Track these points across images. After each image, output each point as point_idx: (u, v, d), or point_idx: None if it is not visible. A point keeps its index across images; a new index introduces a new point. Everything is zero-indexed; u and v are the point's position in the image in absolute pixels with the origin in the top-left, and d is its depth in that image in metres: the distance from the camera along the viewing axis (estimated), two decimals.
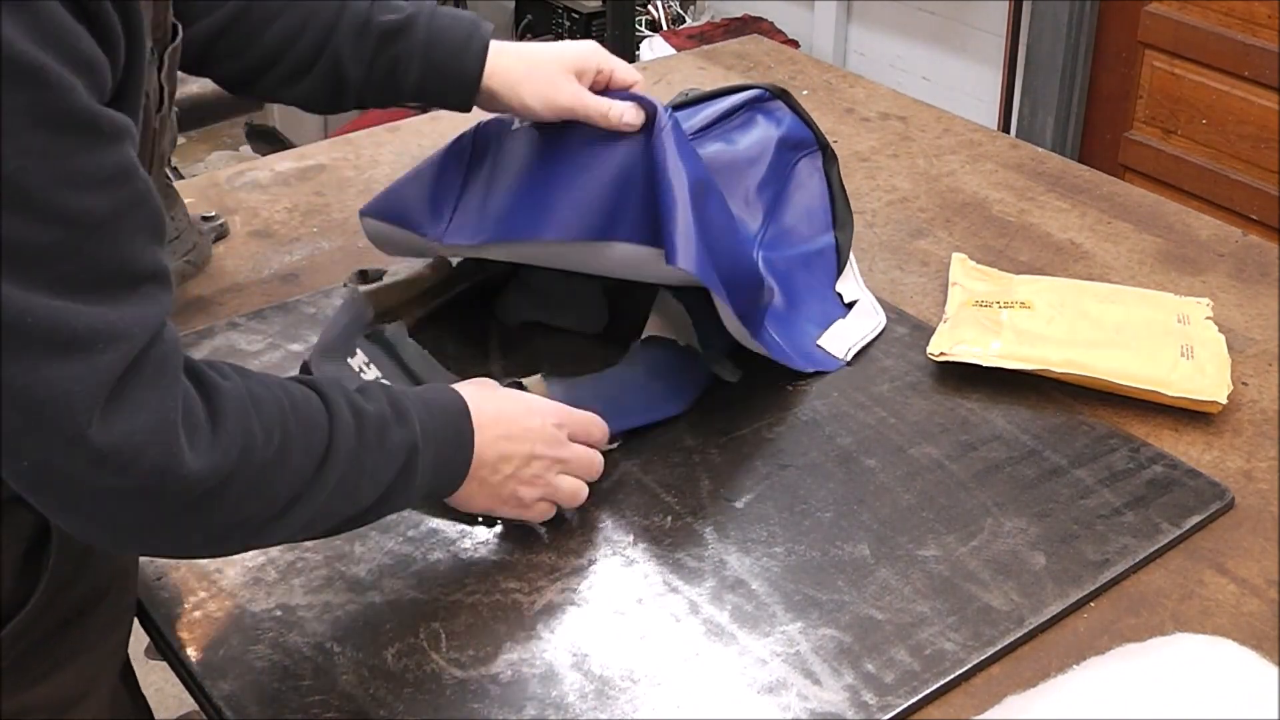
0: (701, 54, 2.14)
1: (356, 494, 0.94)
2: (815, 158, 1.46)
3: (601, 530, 1.14)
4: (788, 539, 1.13)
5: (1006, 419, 1.28)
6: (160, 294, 0.79)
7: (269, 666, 1.00)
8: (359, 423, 0.93)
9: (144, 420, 0.77)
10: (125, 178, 0.76)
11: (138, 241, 0.77)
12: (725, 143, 1.41)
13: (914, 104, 1.96)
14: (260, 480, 0.85)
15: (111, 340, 0.75)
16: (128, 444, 0.76)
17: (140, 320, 0.77)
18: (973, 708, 0.99)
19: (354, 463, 0.92)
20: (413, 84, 1.22)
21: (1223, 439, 1.27)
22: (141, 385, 0.77)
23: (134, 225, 0.77)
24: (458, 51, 1.21)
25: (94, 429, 0.75)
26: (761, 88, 1.45)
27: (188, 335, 1.37)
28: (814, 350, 1.34)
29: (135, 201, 0.77)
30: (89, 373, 0.74)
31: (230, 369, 0.88)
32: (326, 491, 0.90)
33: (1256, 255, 1.58)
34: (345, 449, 0.91)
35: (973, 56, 3.41)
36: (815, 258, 1.41)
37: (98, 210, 0.74)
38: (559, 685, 0.99)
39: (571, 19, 3.86)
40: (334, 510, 0.93)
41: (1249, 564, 1.13)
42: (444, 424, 1.01)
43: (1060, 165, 1.79)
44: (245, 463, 0.83)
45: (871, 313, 1.39)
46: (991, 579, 1.09)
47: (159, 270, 0.79)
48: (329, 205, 1.65)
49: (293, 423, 0.88)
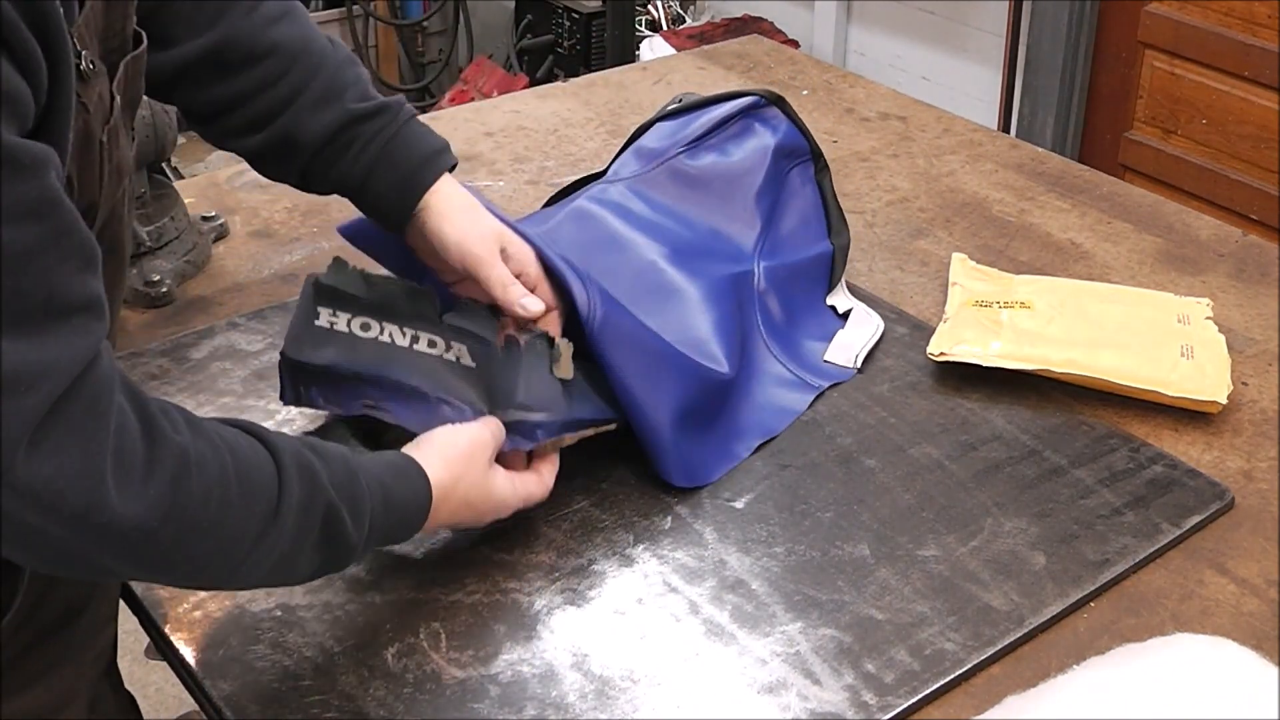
0: (701, 54, 2.14)
1: (291, 572, 0.92)
2: (808, 167, 1.45)
3: (601, 530, 1.14)
4: (788, 539, 1.13)
5: (1006, 419, 1.28)
6: (92, 324, 0.76)
7: (269, 666, 1.00)
8: (306, 509, 0.89)
9: (68, 463, 0.74)
10: (49, 208, 0.73)
11: (65, 271, 0.74)
12: (719, 154, 1.41)
13: (914, 104, 1.96)
14: (189, 542, 0.82)
15: (36, 380, 0.72)
16: (50, 487, 0.74)
17: (68, 356, 0.74)
18: (973, 708, 0.99)
19: (294, 545, 0.89)
20: (360, 171, 1.16)
21: (1223, 439, 1.27)
22: (67, 425, 0.74)
23: (60, 255, 0.74)
24: (419, 159, 1.17)
25: (18, 470, 0.72)
26: (757, 94, 1.44)
27: (187, 335, 1.37)
28: (823, 366, 1.33)
29: (61, 231, 0.74)
30: (12, 414, 0.71)
31: (184, 422, 0.84)
32: (260, 568, 0.88)
33: (1256, 255, 1.58)
34: (287, 534, 0.88)
35: (973, 56, 3.41)
36: (812, 266, 1.41)
37: (20, 243, 0.71)
38: (559, 685, 0.99)
39: (571, 19, 3.86)
40: (266, 579, 0.92)
41: (1249, 564, 1.13)
42: (399, 523, 0.99)
43: (1060, 165, 1.79)
44: (174, 521, 0.80)
45: (867, 318, 1.39)
46: (991, 579, 1.09)
47: (91, 300, 0.76)
48: (329, 205, 1.65)
49: (234, 492, 0.84)
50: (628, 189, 1.38)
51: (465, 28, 4.36)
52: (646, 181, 1.39)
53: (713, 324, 1.27)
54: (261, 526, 0.86)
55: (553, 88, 2.03)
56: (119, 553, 0.79)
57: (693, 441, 1.19)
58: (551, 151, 1.79)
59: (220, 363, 1.33)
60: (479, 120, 1.88)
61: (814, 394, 1.30)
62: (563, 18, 3.88)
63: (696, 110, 1.45)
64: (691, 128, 1.42)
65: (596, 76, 2.07)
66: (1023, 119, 3.22)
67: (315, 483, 0.89)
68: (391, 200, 1.16)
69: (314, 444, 0.93)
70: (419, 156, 1.17)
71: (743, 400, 1.26)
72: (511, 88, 3.85)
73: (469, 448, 1.04)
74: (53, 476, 0.73)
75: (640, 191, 1.38)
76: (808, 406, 1.28)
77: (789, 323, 1.36)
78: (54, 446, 0.73)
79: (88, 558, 0.79)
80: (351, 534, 0.92)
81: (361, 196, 1.17)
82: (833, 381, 1.32)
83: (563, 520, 1.14)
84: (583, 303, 1.14)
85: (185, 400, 1.26)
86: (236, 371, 1.32)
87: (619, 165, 1.43)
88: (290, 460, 0.88)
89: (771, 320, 1.34)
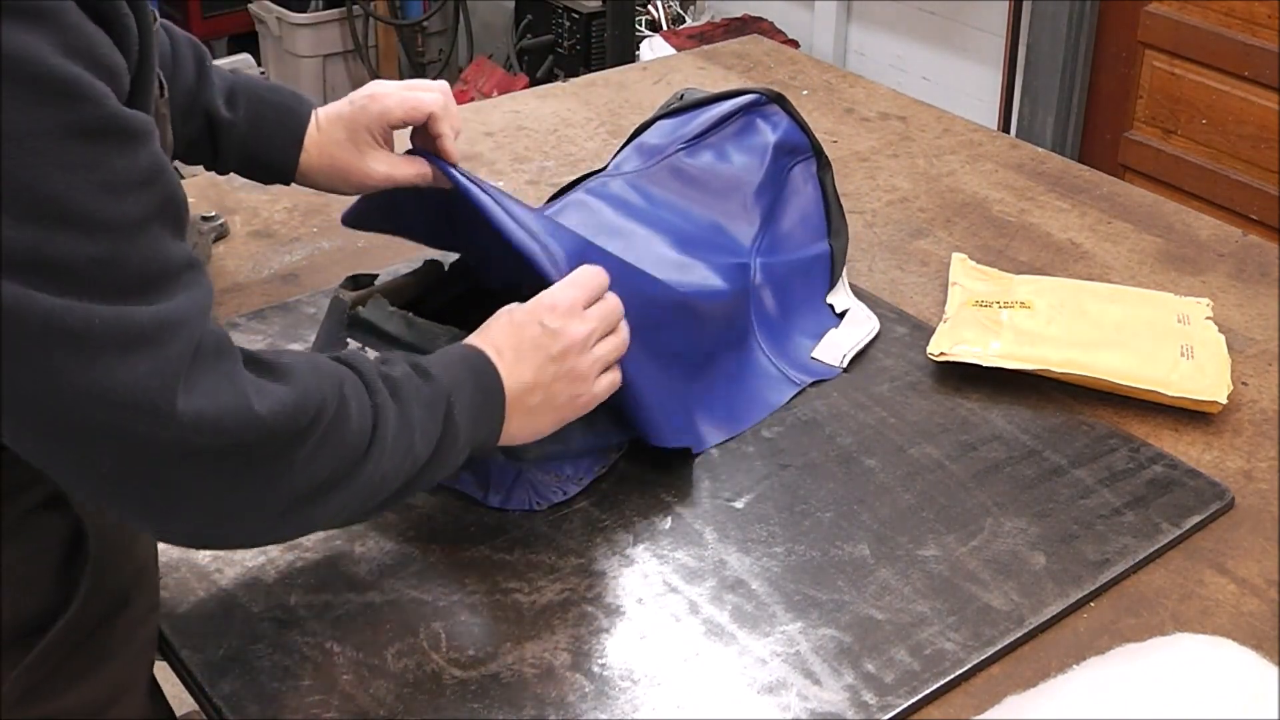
0: (701, 54, 2.14)
1: (412, 450, 0.94)
2: (810, 164, 1.45)
3: (601, 530, 1.14)
4: (788, 539, 1.13)
5: (1006, 419, 1.28)
6: (200, 278, 0.81)
7: (269, 666, 1.00)
8: (391, 386, 0.94)
9: (223, 398, 0.79)
10: (158, 175, 0.78)
11: (168, 236, 0.79)
12: (719, 152, 1.40)
13: (914, 104, 1.96)
14: (331, 436, 0.87)
15: (175, 329, 0.77)
16: (213, 421, 0.79)
17: (193, 306, 0.79)
18: (973, 708, 0.99)
19: (401, 419, 0.93)
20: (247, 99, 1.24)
21: (1223, 439, 1.27)
22: (209, 365, 0.80)
23: (165, 220, 0.78)
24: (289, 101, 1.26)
25: (179, 408, 0.77)
26: (758, 92, 1.44)
27: None
28: (809, 363, 1.34)
29: (168, 196, 0.79)
30: (164, 363, 0.76)
31: (275, 353, 0.90)
32: (385, 450, 0.91)
33: (1256, 255, 1.58)
34: (389, 409, 0.92)
35: (973, 56, 3.40)
36: (811, 264, 1.41)
37: (137, 212, 0.76)
38: (559, 685, 0.99)
39: (571, 19, 3.86)
40: (397, 469, 0.93)
41: (1249, 564, 1.13)
42: (464, 370, 1.01)
43: (1060, 165, 1.79)
44: (316, 417, 0.85)
45: (864, 320, 1.39)
46: (991, 579, 1.09)
47: (191, 258, 0.81)
48: (329, 205, 1.65)
49: (348, 385, 0.90)
50: (627, 184, 1.38)
51: (465, 28, 4.36)
52: (646, 177, 1.39)
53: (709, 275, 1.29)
54: (372, 413, 0.91)
55: (553, 88, 2.03)
56: (274, 470, 0.84)
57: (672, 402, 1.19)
58: (551, 151, 1.79)
59: None
60: (479, 120, 1.88)
61: (794, 390, 1.30)
62: (563, 18, 3.88)
63: (698, 108, 1.45)
64: (692, 125, 1.41)
65: (596, 76, 2.07)
66: (1023, 119, 3.22)
67: (383, 370, 0.95)
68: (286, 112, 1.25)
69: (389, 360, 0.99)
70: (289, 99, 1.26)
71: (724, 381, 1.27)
72: (511, 88, 3.85)
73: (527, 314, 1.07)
74: (216, 411, 0.79)
75: (639, 186, 1.38)
76: (785, 402, 1.28)
77: (783, 318, 1.36)
78: (206, 386, 0.79)
79: (240, 491, 0.83)
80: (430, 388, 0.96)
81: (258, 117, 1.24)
82: (815, 379, 1.31)
83: (563, 520, 1.14)
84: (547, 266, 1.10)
85: None
86: None
87: (620, 160, 1.43)
88: (354, 359, 0.94)
89: (765, 315, 1.34)
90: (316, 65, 4.22)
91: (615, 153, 1.47)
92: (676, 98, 1.52)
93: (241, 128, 1.24)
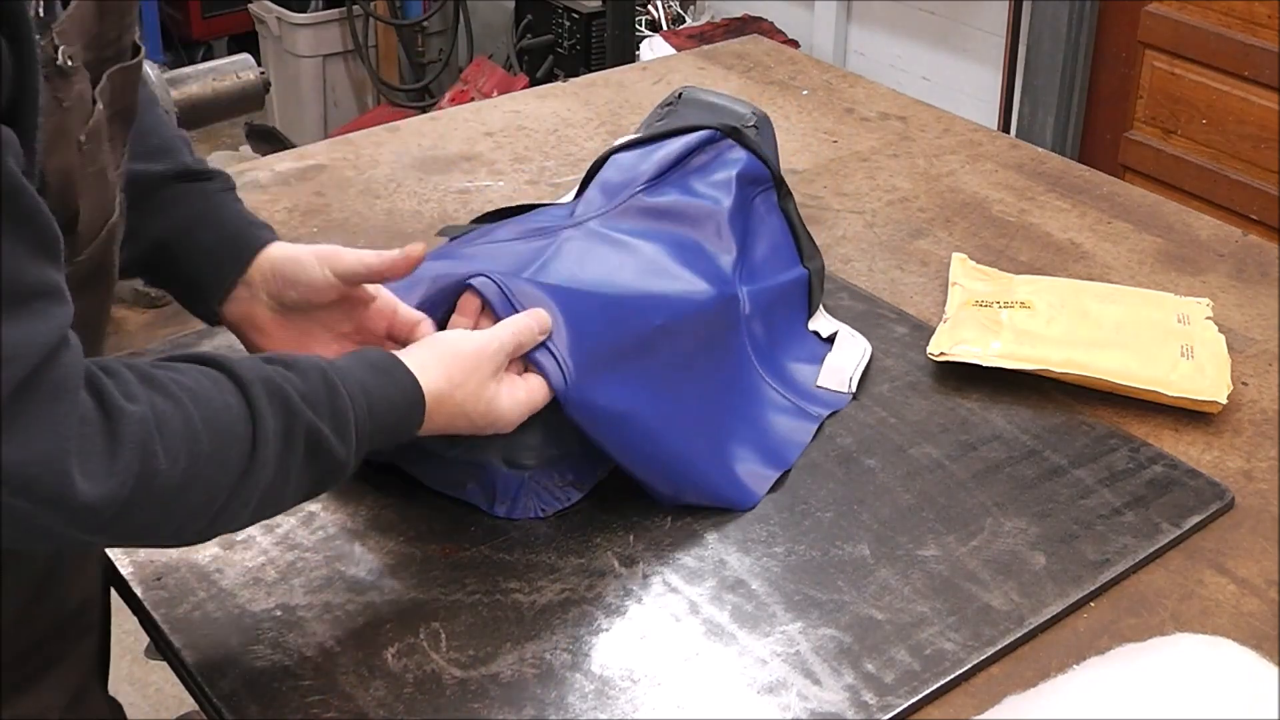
0: (701, 54, 2.14)
1: (280, 501, 0.90)
2: (770, 194, 1.41)
3: (602, 530, 1.14)
4: (788, 539, 1.13)
5: (1006, 419, 1.28)
6: (52, 309, 0.75)
7: (269, 666, 1.00)
8: (286, 436, 0.87)
9: (36, 448, 0.74)
10: (11, 193, 0.72)
11: (20, 257, 0.73)
12: (682, 190, 1.35)
13: (914, 104, 1.96)
14: (166, 504, 0.81)
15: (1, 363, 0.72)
16: (19, 472, 0.73)
17: (30, 339, 0.73)
18: (973, 708, 0.99)
19: (279, 475, 0.87)
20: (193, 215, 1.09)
21: (1223, 439, 1.27)
22: (33, 409, 0.74)
23: (15, 240, 0.73)
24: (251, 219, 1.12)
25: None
26: (713, 128, 1.39)
27: (187, 335, 1.37)
28: (817, 392, 1.30)
29: (18, 216, 0.73)
30: None
31: (139, 383, 0.82)
32: (246, 508, 0.87)
33: (1256, 255, 1.58)
34: (269, 467, 0.86)
35: (973, 56, 3.40)
36: (791, 289, 1.37)
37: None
38: (559, 685, 0.99)
39: (571, 19, 3.86)
40: (255, 515, 0.89)
41: (1249, 564, 1.13)
42: (390, 426, 0.95)
43: (1060, 165, 1.79)
44: (144, 490, 0.79)
45: (854, 341, 1.36)
46: (991, 579, 1.09)
47: (50, 286, 0.75)
48: (329, 205, 1.65)
49: (205, 442, 0.83)
50: (600, 225, 1.30)
51: (465, 28, 4.36)
52: (617, 215, 1.32)
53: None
54: (241, 467, 0.84)
55: (553, 88, 2.03)
56: (94, 528, 0.79)
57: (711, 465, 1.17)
58: (551, 151, 1.79)
59: None
60: (479, 120, 1.88)
61: (815, 424, 1.26)
62: (563, 18, 3.88)
63: (653, 142, 1.39)
64: (651, 161, 1.36)
65: (596, 76, 2.07)
66: (1023, 119, 3.22)
67: (290, 406, 0.87)
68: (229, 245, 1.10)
69: (285, 358, 0.91)
70: (250, 218, 1.12)
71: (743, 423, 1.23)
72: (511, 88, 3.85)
73: (474, 356, 1.01)
74: (23, 461, 0.73)
75: (613, 225, 1.31)
76: (811, 438, 1.25)
77: (775, 347, 1.32)
78: (23, 431, 0.73)
79: (63, 534, 0.79)
80: (338, 449, 0.90)
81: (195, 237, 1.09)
82: (831, 410, 1.28)
83: (563, 520, 1.14)
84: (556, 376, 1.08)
85: None
86: None
87: (584, 206, 1.34)
88: (260, 389, 0.86)
89: (760, 345, 1.31)
90: (316, 65, 4.22)
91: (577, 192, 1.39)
92: (675, 96, 1.52)
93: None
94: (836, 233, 1.61)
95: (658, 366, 1.17)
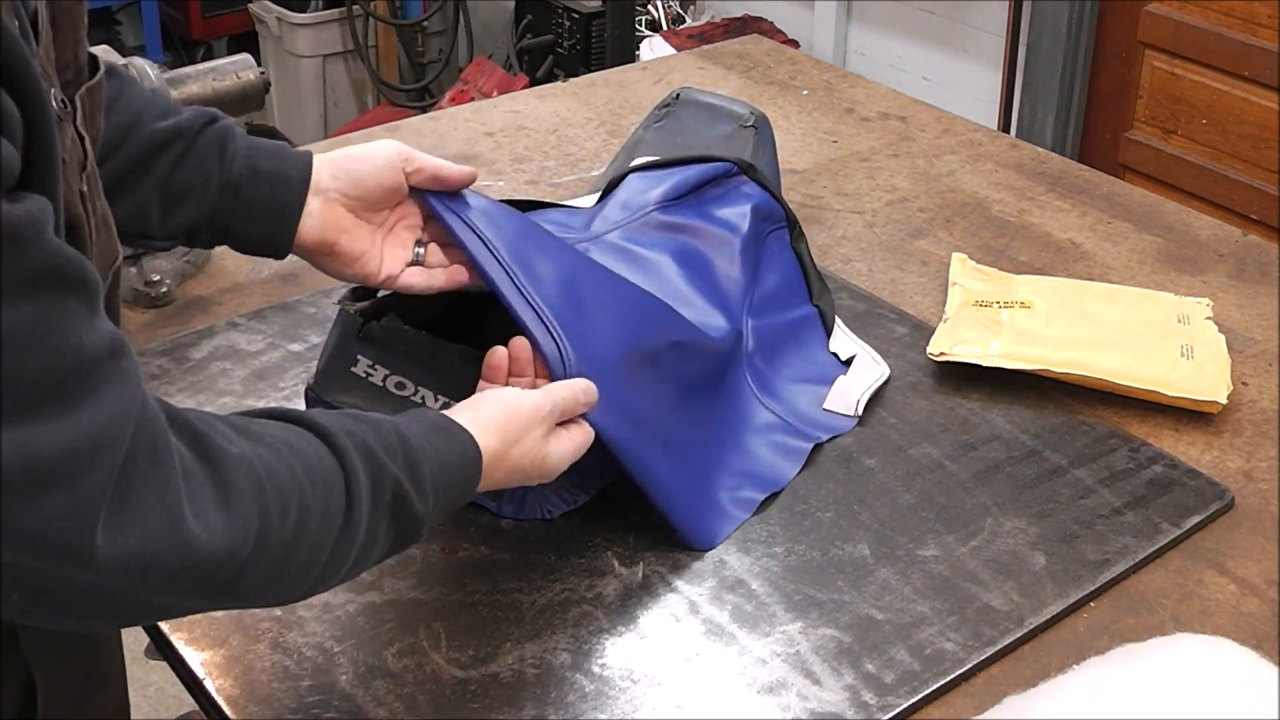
0: (701, 54, 2.14)
1: (367, 558, 0.86)
2: (784, 234, 1.40)
3: (601, 530, 1.14)
4: (788, 539, 1.13)
5: (1006, 419, 1.28)
6: (125, 365, 0.70)
7: (269, 666, 1.00)
8: (375, 491, 0.84)
9: (153, 525, 0.69)
10: (56, 270, 0.67)
11: (79, 322, 0.68)
12: (698, 214, 1.34)
13: (914, 104, 1.96)
14: (284, 556, 0.77)
15: (94, 454, 0.67)
16: (142, 556, 0.69)
17: (117, 415, 0.68)
18: (973, 708, 0.99)
19: (370, 532, 0.84)
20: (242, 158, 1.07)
21: (1223, 439, 1.27)
22: (139, 486, 0.69)
23: (70, 310, 0.68)
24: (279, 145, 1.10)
25: (103, 552, 0.67)
26: (731, 161, 1.38)
27: (187, 335, 1.37)
28: (821, 416, 1.28)
29: (69, 285, 0.68)
30: (80, 499, 0.66)
31: (233, 430, 0.78)
32: (345, 563, 0.83)
33: (1256, 255, 1.58)
34: (364, 521, 0.83)
35: (973, 56, 3.40)
36: (801, 324, 1.36)
37: (32, 314, 0.65)
38: (559, 685, 0.99)
39: (571, 19, 3.86)
40: (350, 572, 0.85)
41: (1249, 564, 1.13)
42: (456, 486, 0.93)
43: (1060, 165, 1.79)
44: (264, 540, 0.75)
45: (873, 364, 1.34)
46: (991, 579, 1.09)
47: (114, 340, 0.70)
48: None
49: (309, 493, 0.79)
50: (619, 237, 1.30)
51: (465, 28, 4.35)
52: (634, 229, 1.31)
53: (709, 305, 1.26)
54: (340, 521, 0.81)
55: (553, 88, 2.03)
56: (214, 590, 0.75)
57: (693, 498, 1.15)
58: (551, 151, 1.79)
59: (220, 363, 1.33)
60: (479, 120, 1.88)
61: (810, 446, 1.24)
62: (563, 18, 3.88)
63: (669, 168, 1.37)
64: (666, 186, 1.34)
65: (596, 76, 2.07)
66: (1023, 119, 3.22)
67: (375, 460, 0.84)
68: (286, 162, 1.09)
69: (359, 415, 0.89)
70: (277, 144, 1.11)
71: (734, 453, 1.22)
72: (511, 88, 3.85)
73: (529, 417, 0.99)
74: (142, 545, 0.69)
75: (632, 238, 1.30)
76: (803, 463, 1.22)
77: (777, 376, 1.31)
78: (134, 514, 0.69)
79: (183, 605, 0.77)
80: (418, 505, 0.87)
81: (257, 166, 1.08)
82: (832, 434, 1.26)
83: (563, 520, 1.14)
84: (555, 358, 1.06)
85: (185, 400, 1.26)
86: (236, 371, 1.32)
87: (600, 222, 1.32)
88: (346, 442, 0.83)
89: (761, 375, 1.30)
90: (316, 65, 4.22)
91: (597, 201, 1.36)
92: (673, 97, 1.52)
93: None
94: (836, 233, 1.61)
95: (662, 382, 1.16)
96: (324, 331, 1.32)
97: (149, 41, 4.09)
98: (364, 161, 1.10)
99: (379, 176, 1.10)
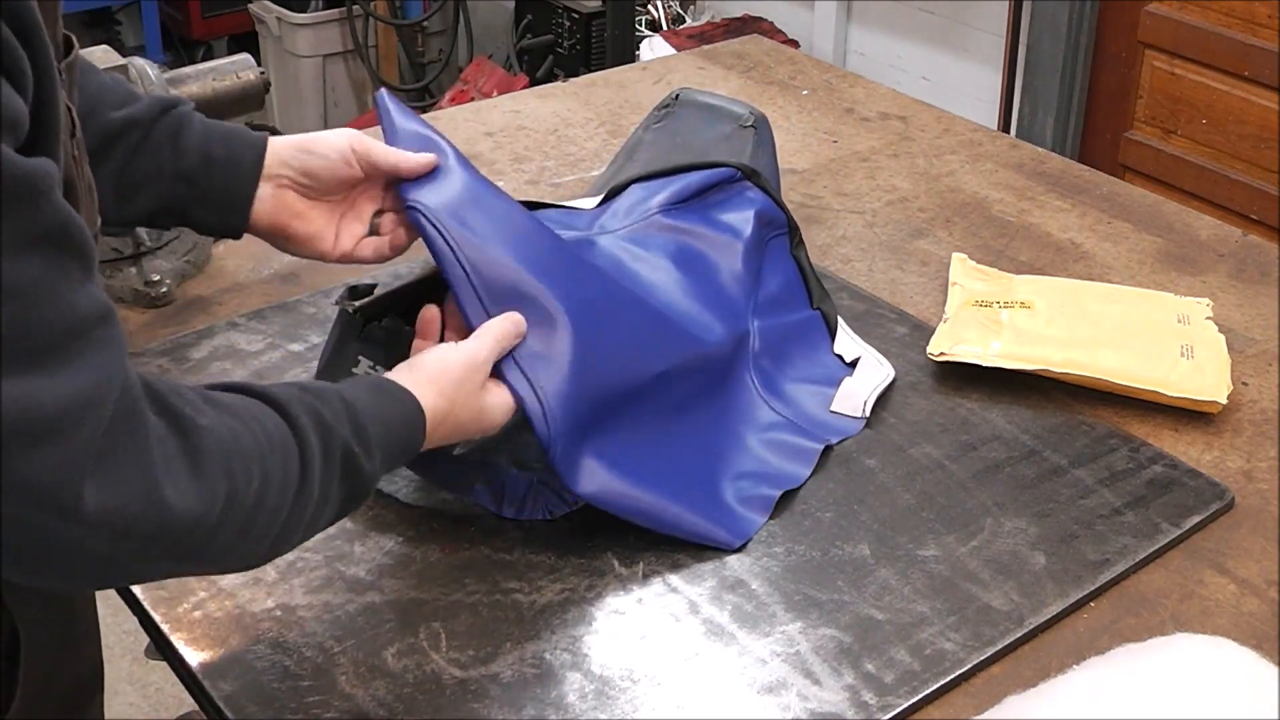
0: (701, 54, 2.14)
1: (318, 520, 0.90)
2: (784, 240, 1.40)
3: (602, 530, 1.14)
4: (788, 539, 1.13)
5: (1006, 419, 1.28)
6: (113, 334, 0.73)
7: (269, 666, 1.00)
8: (326, 456, 0.87)
9: (131, 487, 0.73)
10: (62, 229, 0.70)
11: (76, 285, 0.71)
12: (701, 219, 1.34)
13: (914, 104, 1.96)
14: (244, 525, 0.81)
15: (84, 412, 0.70)
16: (122, 514, 0.72)
17: (105, 376, 0.71)
18: (973, 708, 0.99)
19: (323, 494, 0.87)
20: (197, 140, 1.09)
21: (1223, 439, 1.27)
22: (120, 448, 0.72)
23: (71, 270, 0.71)
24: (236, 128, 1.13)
25: (88, 507, 0.70)
26: (734, 167, 1.38)
27: (187, 335, 1.37)
28: (829, 419, 1.27)
29: (72, 248, 0.71)
30: (71, 454, 0.69)
31: (201, 400, 0.81)
32: (300, 525, 0.87)
33: (1256, 255, 1.58)
34: (317, 485, 0.86)
35: (973, 56, 3.40)
36: (805, 326, 1.36)
37: (38, 270, 0.68)
38: (559, 685, 0.99)
39: (571, 19, 3.86)
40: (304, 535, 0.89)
41: (1249, 564, 1.13)
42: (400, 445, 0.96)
43: (1060, 165, 1.79)
44: (232, 506, 0.79)
45: (878, 365, 1.34)
46: (991, 579, 1.09)
47: (104, 307, 0.73)
48: None
49: (270, 460, 0.83)
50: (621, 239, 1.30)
51: (465, 28, 4.36)
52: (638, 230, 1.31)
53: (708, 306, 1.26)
54: (295, 486, 0.85)
55: (553, 88, 2.03)
56: (185, 553, 0.78)
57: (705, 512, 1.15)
58: (551, 151, 1.79)
59: (220, 363, 1.33)
60: (479, 120, 1.88)
61: (820, 448, 1.23)
62: (563, 18, 3.88)
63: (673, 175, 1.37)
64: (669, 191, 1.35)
65: (596, 76, 2.07)
66: (1023, 119, 3.22)
67: (324, 424, 0.88)
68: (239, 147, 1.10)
69: (306, 385, 0.92)
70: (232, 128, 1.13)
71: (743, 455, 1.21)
72: (511, 88, 3.85)
73: (463, 371, 1.01)
74: (123, 505, 0.72)
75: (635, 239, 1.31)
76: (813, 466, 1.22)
77: (784, 377, 1.31)
78: (116, 474, 0.72)
79: (155, 567, 0.80)
80: (366, 465, 0.91)
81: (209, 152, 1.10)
82: (841, 437, 1.25)
83: (563, 520, 1.14)
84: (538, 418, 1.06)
85: None
86: (236, 371, 1.32)
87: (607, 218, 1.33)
88: (298, 409, 0.87)
89: (768, 376, 1.30)
90: (316, 65, 4.22)
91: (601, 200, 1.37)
92: (672, 97, 1.52)
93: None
94: (836, 233, 1.61)
95: (647, 415, 1.16)
96: (324, 331, 1.32)
97: (149, 41, 4.09)
98: (316, 155, 1.12)
99: (333, 169, 1.13)
